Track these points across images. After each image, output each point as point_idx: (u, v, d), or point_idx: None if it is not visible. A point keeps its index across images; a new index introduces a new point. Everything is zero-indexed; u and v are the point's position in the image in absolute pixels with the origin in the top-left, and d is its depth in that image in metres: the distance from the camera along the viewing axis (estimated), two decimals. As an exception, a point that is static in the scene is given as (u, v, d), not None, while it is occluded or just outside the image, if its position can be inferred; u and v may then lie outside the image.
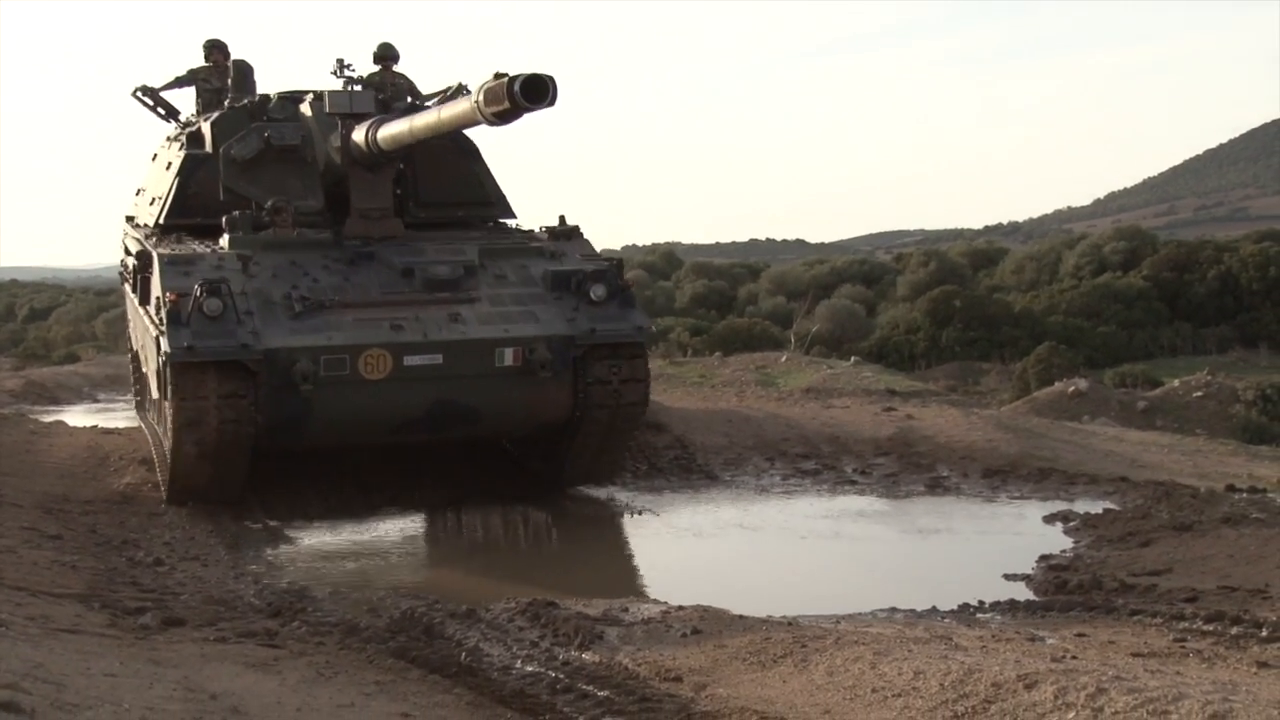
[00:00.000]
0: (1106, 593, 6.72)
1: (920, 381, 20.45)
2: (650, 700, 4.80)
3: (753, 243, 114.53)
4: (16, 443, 11.62)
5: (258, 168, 9.96)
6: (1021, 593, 7.03)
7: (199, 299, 8.39)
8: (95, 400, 19.24)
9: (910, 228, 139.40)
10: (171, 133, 11.91)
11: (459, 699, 4.92)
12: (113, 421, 14.19)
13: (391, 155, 9.42)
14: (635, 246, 61.96)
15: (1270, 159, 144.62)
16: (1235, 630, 5.70)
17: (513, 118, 7.29)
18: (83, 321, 39.57)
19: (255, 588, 7.02)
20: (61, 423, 13.76)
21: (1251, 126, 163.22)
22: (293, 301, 8.74)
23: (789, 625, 5.86)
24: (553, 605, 6.25)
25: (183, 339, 8.32)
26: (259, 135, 9.98)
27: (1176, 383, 18.24)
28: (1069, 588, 6.91)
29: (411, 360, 8.70)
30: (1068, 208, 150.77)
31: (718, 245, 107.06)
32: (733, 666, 5.23)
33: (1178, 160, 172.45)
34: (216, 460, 8.68)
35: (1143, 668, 4.83)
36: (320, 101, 9.86)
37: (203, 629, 5.87)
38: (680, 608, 6.27)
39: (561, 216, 10.21)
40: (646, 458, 11.08)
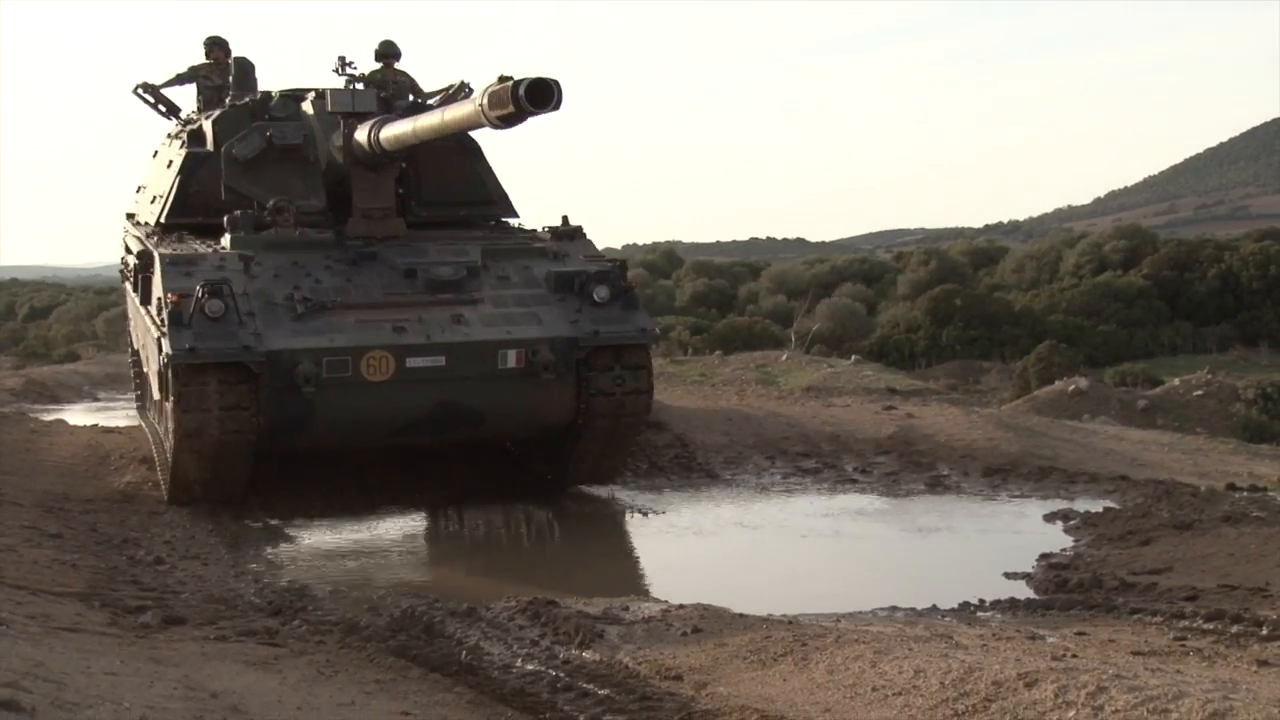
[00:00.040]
0: (1107, 591, 6.72)
1: (921, 380, 20.46)
2: (651, 699, 4.80)
3: (753, 241, 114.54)
4: (17, 441, 11.63)
5: (260, 167, 9.93)
6: (1022, 591, 7.03)
7: (201, 300, 8.36)
8: (95, 399, 19.24)
9: (911, 226, 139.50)
10: (172, 130, 11.84)
11: (459, 697, 4.92)
12: (113, 420, 14.20)
13: (394, 155, 9.38)
14: (636, 245, 62.01)
15: (1271, 158, 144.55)
16: (1235, 629, 5.70)
17: (517, 121, 7.24)
18: (83, 320, 39.57)
19: (256, 586, 7.02)
20: (62, 421, 13.76)
21: (1252, 125, 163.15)
22: (295, 302, 8.70)
23: (789, 624, 5.86)
24: (553, 604, 6.25)
25: (184, 340, 8.28)
26: (261, 134, 9.95)
27: (1177, 381, 18.24)
28: (1069, 586, 6.90)
29: (414, 362, 8.66)
30: (1068, 206, 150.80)
31: (718, 244, 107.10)
32: (733, 665, 5.23)
33: (1178, 159, 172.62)
34: (218, 462, 8.66)
35: (1143, 666, 4.83)
36: (322, 100, 9.83)
37: (203, 627, 5.87)
38: (681, 606, 6.27)
39: (565, 217, 10.19)
40: (647, 456, 11.08)
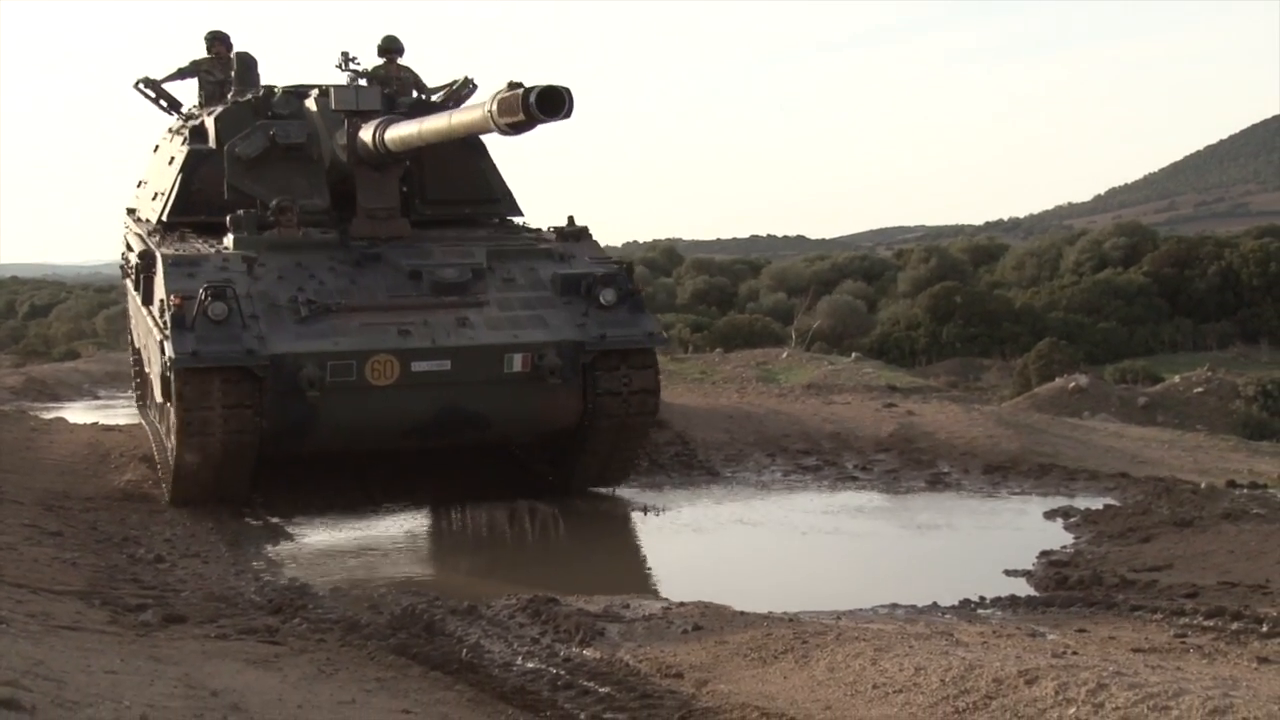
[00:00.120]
0: (1107, 588, 6.72)
1: (921, 378, 20.45)
2: (651, 697, 4.79)
3: (753, 239, 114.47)
4: (17, 440, 11.61)
5: (263, 166, 9.85)
6: (1022, 588, 7.03)
7: (204, 303, 8.28)
8: (96, 397, 19.21)
9: (911, 224, 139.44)
10: (174, 125, 11.76)
11: (460, 695, 4.91)
12: (113, 418, 14.18)
13: (399, 156, 9.30)
14: (636, 242, 61.89)
15: (1271, 155, 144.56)
16: (1236, 626, 5.70)
17: (526, 129, 7.17)
18: (83, 318, 39.54)
19: (256, 584, 7.02)
20: (62, 420, 13.74)
21: (1252, 122, 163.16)
22: (299, 305, 8.62)
23: (790, 621, 5.86)
24: (554, 602, 6.25)
25: (187, 344, 8.21)
26: (264, 133, 9.87)
27: (1177, 379, 18.23)
28: (1070, 583, 6.91)
29: (419, 366, 8.59)
30: (1068, 204, 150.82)
31: (719, 241, 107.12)
32: (734, 663, 5.23)
33: (1178, 156, 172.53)
34: (220, 466, 8.60)
35: (1143, 663, 4.83)
36: (325, 97, 9.75)
37: (204, 626, 5.87)
38: (681, 604, 6.27)
39: (570, 217, 10.12)
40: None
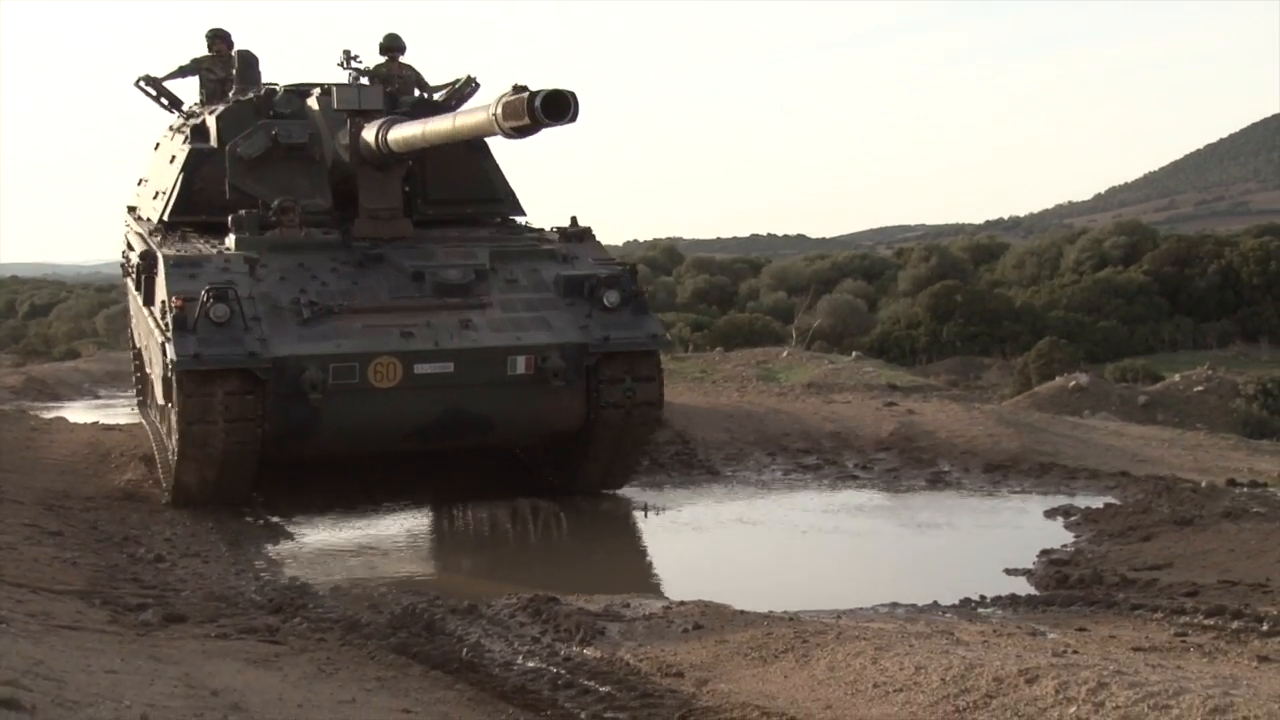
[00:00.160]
0: (1107, 587, 6.72)
1: (921, 376, 20.47)
2: (652, 696, 4.79)
3: (754, 238, 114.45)
4: (17, 439, 11.61)
5: (265, 166, 9.81)
6: (1023, 587, 7.02)
7: (206, 305, 8.24)
8: (96, 396, 19.22)
9: (911, 223, 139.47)
10: (175, 123, 11.70)
11: (460, 695, 4.91)
12: (113, 418, 14.18)
13: (402, 157, 9.26)
14: (636, 241, 61.89)
15: (1271, 154, 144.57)
16: (1236, 625, 5.70)
17: (531, 133, 7.14)
18: (83, 318, 39.54)
19: (256, 584, 7.02)
20: (62, 419, 13.74)
21: (1252, 121, 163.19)
22: (301, 307, 8.58)
23: (790, 620, 5.86)
24: (554, 601, 6.25)
25: (189, 346, 8.17)
26: (266, 133, 9.83)
27: (1177, 377, 18.23)
28: (1070, 582, 6.90)
29: (422, 369, 8.55)
30: (1068, 202, 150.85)
31: (719, 240, 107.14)
32: (734, 662, 5.23)
33: (1178, 155, 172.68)
34: (222, 469, 8.56)
35: (1144, 662, 4.83)
36: (328, 96, 9.71)
37: (204, 625, 5.87)
38: (682, 603, 6.27)
39: (573, 217, 10.10)
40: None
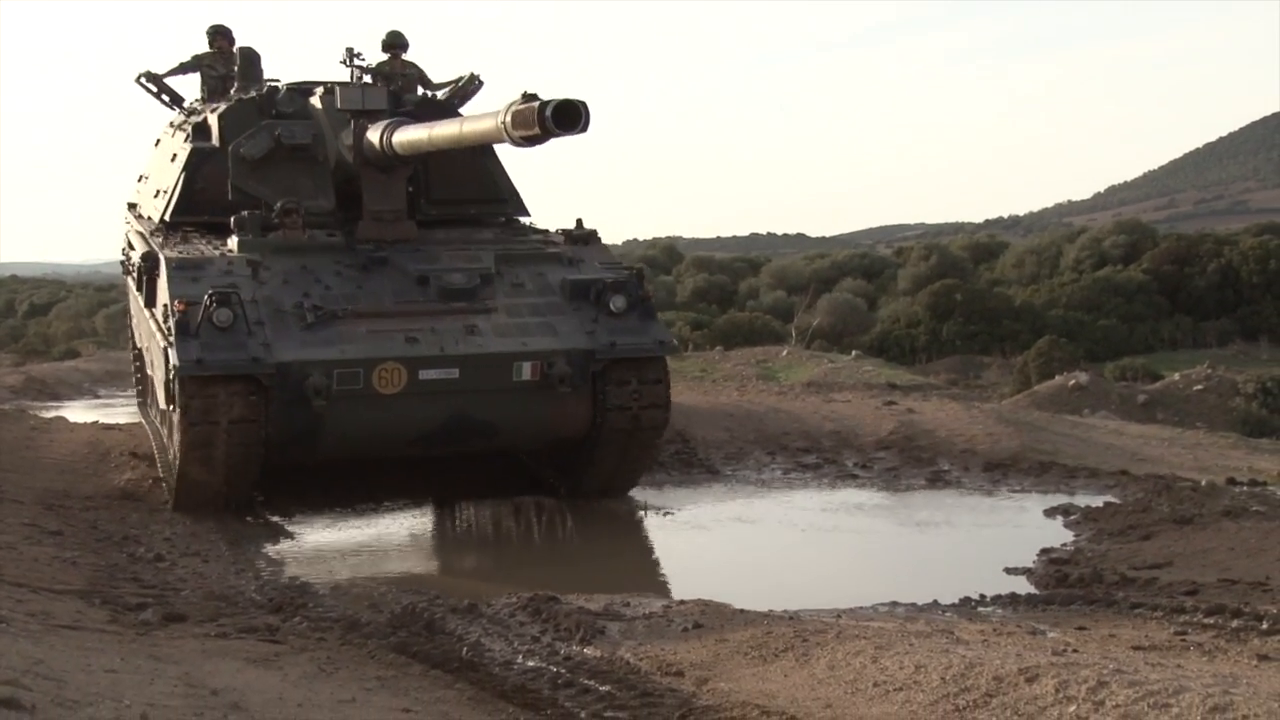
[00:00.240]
0: (1107, 586, 6.72)
1: (921, 375, 20.49)
2: (652, 695, 4.79)
3: (753, 237, 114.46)
4: (17, 438, 11.60)
5: (268, 166, 9.71)
6: (1022, 586, 7.03)
7: (209, 309, 8.16)
8: (96, 396, 19.23)
9: (911, 221, 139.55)
10: (176, 120, 11.59)
11: (460, 694, 4.91)
12: (113, 417, 14.18)
13: (407, 159, 9.17)
14: (636, 240, 61.86)
15: (1270, 152, 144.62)
16: (1236, 623, 5.70)
17: (540, 141, 7.03)
18: (83, 317, 39.55)
19: (256, 583, 7.01)
20: (62, 418, 13.74)
21: (1252, 120, 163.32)
22: (304, 311, 8.50)
23: (790, 619, 5.86)
24: (554, 600, 6.24)
25: (192, 352, 8.09)
26: (269, 133, 9.72)
27: (1177, 376, 18.24)
28: (1070, 581, 6.90)
29: (427, 374, 8.46)
30: (1068, 201, 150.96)
31: (718, 239, 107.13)
32: (734, 661, 5.23)
33: (1178, 153, 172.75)
34: (225, 475, 8.51)
35: (1143, 661, 4.83)
36: (331, 95, 9.62)
37: (204, 625, 5.86)
38: (681, 602, 6.27)
39: (579, 219, 10.02)
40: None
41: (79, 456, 11.01)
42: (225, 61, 11.99)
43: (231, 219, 9.25)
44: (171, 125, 11.58)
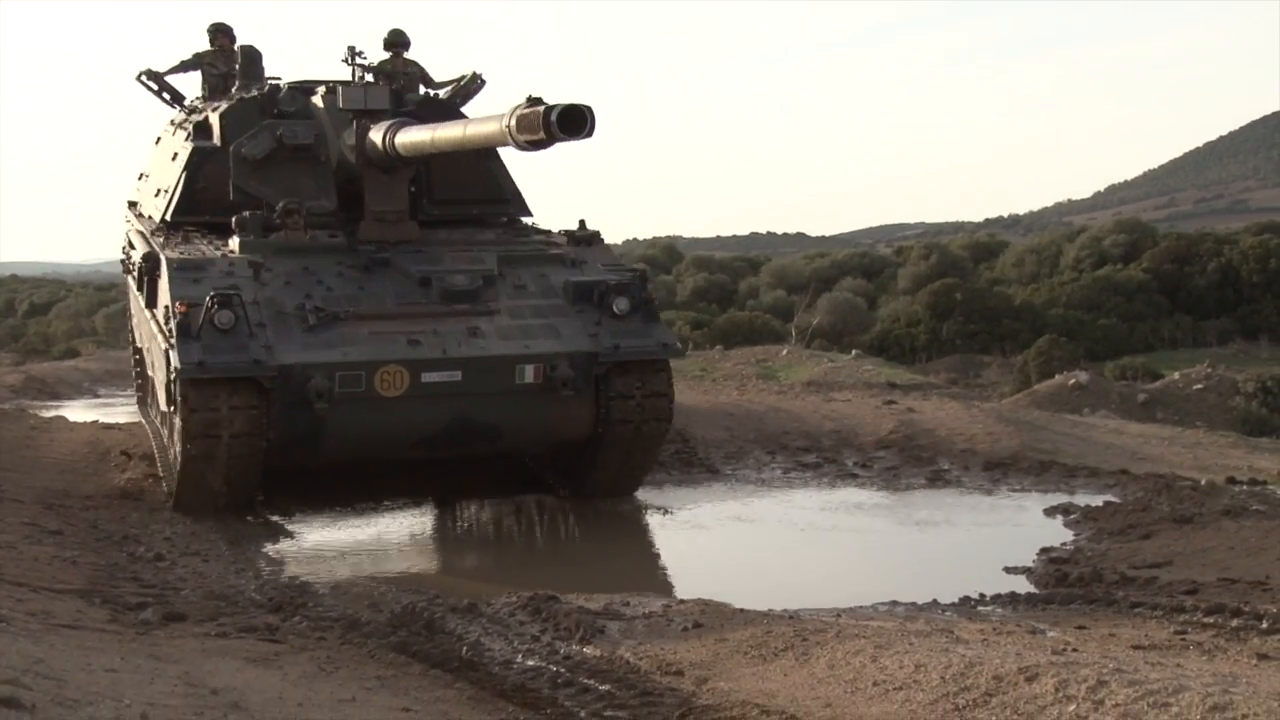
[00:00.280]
0: (1107, 585, 6.72)
1: (921, 374, 20.49)
2: (652, 694, 4.79)
3: (753, 236, 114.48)
4: (17, 438, 11.60)
5: (269, 166, 9.66)
6: (1022, 585, 7.03)
7: (210, 311, 8.13)
8: (96, 395, 19.22)
9: (911, 221, 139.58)
10: (176, 118, 11.55)
11: (460, 693, 4.91)
12: (113, 416, 14.18)
13: (409, 160, 9.14)
14: (636, 239, 61.86)
15: (1270, 151, 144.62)
16: (1236, 622, 5.70)
17: (545, 146, 7.02)
18: (83, 316, 39.54)
19: (256, 583, 7.01)
20: (62, 418, 13.74)
21: (1252, 119, 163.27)
22: (306, 313, 8.46)
23: (790, 619, 5.86)
24: (554, 599, 6.25)
25: (193, 354, 8.06)
26: (271, 133, 9.67)
27: (1177, 375, 18.24)
28: (1069, 580, 6.91)
29: (429, 377, 8.42)
30: (1068, 200, 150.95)
31: (718, 239, 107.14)
32: (734, 660, 5.23)
33: (1178, 153, 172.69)
34: (227, 478, 8.49)
35: (1143, 660, 4.83)
36: (333, 95, 9.60)
37: (204, 624, 5.86)
38: (681, 602, 6.27)
39: (581, 220, 9.98)
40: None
41: (79, 456, 11.01)
42: (226, 60, 11.95)
43: (233, 219, 9.22)
44: (172, 124, 11.53)
